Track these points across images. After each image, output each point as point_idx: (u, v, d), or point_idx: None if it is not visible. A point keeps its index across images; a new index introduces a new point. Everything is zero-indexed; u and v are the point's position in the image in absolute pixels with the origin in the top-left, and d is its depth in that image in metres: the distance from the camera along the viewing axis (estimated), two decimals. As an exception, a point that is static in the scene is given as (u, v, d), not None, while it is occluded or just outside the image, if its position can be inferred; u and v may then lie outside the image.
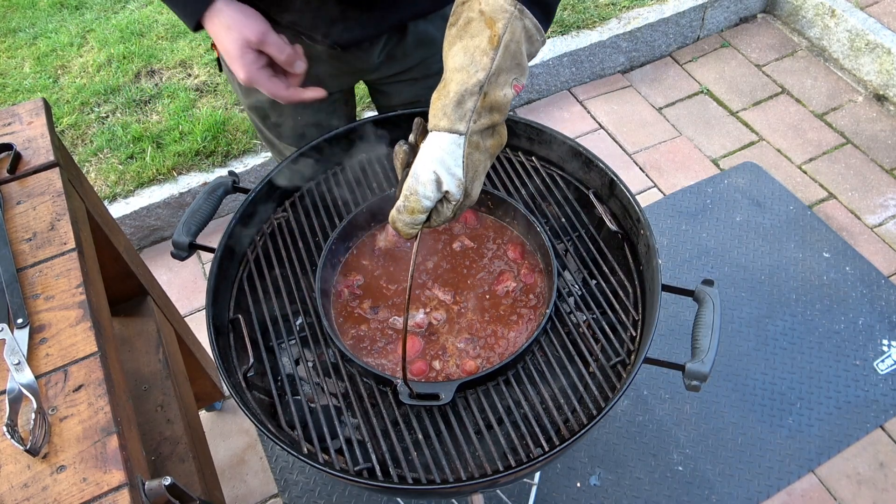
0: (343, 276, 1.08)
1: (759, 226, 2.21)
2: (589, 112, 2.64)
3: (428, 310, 1.03)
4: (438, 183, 0.77)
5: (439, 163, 0.76)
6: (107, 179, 2.28)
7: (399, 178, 0.81)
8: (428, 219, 0.80)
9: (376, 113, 1.27)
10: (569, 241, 1.09)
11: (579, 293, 1.06)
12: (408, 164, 0.80)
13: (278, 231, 1.11)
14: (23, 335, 0.82)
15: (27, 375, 0.78)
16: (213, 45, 1.26)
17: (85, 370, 0.80)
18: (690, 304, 1.01)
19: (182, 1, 0.93)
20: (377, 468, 0.86)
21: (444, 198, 0.78)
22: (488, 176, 1.16)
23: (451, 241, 1.12)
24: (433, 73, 1.24)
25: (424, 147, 0.78)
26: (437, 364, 0.98)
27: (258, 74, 0.95)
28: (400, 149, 0.81)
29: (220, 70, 1.28)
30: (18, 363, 0.79)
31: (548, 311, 0.96)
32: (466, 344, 0.99)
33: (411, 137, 0.81)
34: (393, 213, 0.80)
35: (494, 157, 0.84)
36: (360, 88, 1.67)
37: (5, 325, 0.83)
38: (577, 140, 1.13)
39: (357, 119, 1.34)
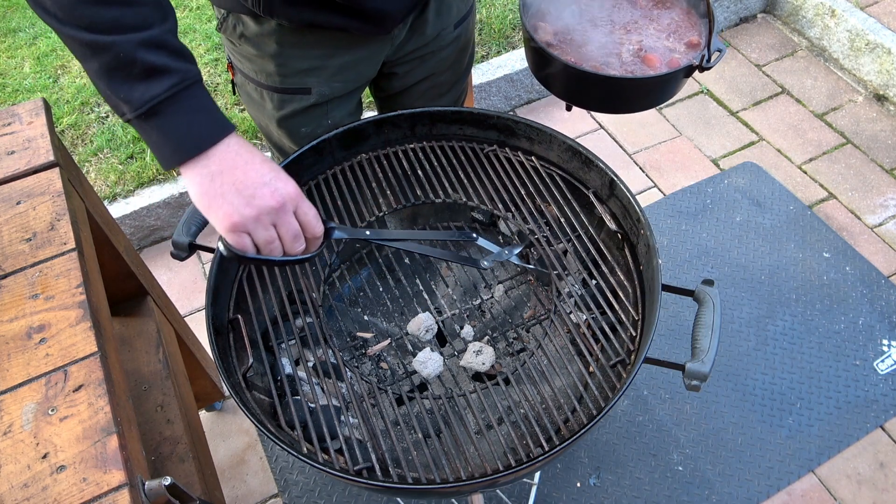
0: None
1: (759, 226, 2.21)
2: (589, 112, 2.64)
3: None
4: None
5: None
6: (107, 179, 2.28)
7: None
8: None
9: (376, 112, 1.27)
10: (568, 242, 1.09)
11: (579, 293, 1.06)
12: None
13: (278, 231, 1.11)
14: None
15: None
16: (229, 65, 1.24)
17: (85, 370, 0.79)
18: (690, 304, 1.01)
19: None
20: (377, 468, 0.86)
21: None
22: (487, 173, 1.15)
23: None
24: (447, 44, 1.25)
25: None
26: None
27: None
28: None
29: (235, 93, 1.27)
30: None
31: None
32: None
33: None
34: None
35: None
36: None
37: None
38: (577, 140, 1.13)
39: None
